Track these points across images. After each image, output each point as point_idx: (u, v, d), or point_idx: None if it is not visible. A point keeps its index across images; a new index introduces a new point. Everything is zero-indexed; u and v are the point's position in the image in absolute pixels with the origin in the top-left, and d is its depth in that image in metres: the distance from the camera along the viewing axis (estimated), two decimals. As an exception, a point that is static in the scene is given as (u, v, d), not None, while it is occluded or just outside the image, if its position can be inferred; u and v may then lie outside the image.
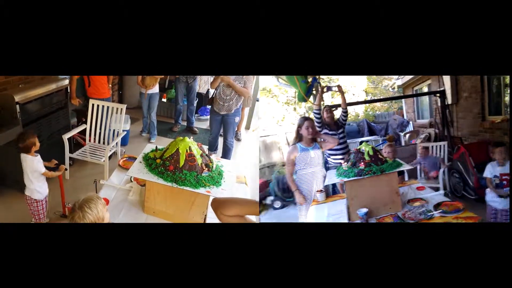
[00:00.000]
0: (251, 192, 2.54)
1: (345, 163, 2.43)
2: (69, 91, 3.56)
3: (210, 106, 3.84)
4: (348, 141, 3.42)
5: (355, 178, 2.26)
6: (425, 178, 4.05)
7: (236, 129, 3.92)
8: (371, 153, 2.33)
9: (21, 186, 2.63)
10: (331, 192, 3.04)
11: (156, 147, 2.12)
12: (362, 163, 2.30)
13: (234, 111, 3.67)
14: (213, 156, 2.11)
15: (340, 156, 3.15)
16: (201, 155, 1.95)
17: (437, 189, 3.49)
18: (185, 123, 4.95)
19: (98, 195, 1.63)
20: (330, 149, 3.16)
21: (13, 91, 2.93)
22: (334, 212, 2.37)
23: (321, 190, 2.66)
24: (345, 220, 2.23)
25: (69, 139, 3.30)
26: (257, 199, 3.22)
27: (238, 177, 2.41)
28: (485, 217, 2.66)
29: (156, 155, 2.00)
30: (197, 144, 2.02)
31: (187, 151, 1.91)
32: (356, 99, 9.69)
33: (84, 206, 1.53)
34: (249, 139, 4.92)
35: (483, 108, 4.50)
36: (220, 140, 3.98)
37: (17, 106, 2.90)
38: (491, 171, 2.66)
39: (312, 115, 3.32)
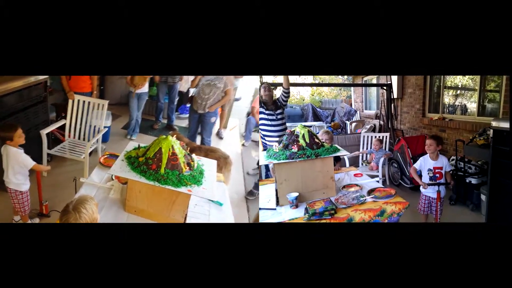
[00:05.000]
0: (230, 190, 2.56)
1: (277, 145, 2.33)
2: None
3: (189, 105, 3.86)
4: (289, 124, 3.34)
5: (286, 161, 2.16)
6: (366, 163, 4.27)
7: (212, 128, 3.95)
8: (306, 136, 2.24)
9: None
10: (263, 176, 2.96)
11: (139, 145, 2.11)
12: (295, 145, 2.20)
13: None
14: (193, 155, 2.12)
15: (277, 139, 3.03)
16: (184, 155, 1.96)
17: (375, 177, 3.67)
18: (165, 121, 4.93)
19: (91, 196, 1.64)
20: (266, 130, 3.12)
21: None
22: (262, 197, 2.32)
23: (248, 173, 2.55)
24: (273, 205, 2.16)
25: (47, 134, 3.23)
26: (239, 195, 3.25)
27: (217, 176, 2.43)
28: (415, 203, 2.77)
29: (138, 153, 1.99)
30: (180, 143, 2.02)
31: (169, 150, 1.91)
32: (302, 81, 9.36)
33: (79, 207, 1.52)
34: (230, 138, 4.94)
35: (424, 105, 4.87)
36: (199, 139, 4.00)
37: (-7, 99, 2.83)
38: (422, 163, 2.75)
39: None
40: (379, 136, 4.48)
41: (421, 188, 2.75)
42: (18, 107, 3.12)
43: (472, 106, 4.06)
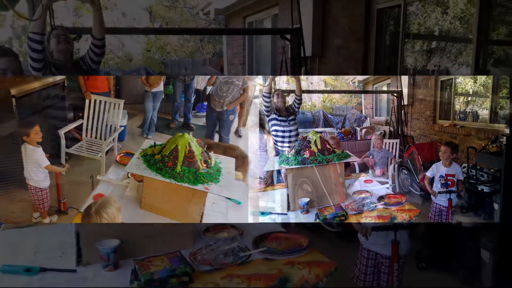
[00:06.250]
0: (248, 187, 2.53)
1: (289, 150, 2.35)
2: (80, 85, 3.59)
3: (207, 103, 3.85)
4: (301, 130, 3.35)
5: (298, 166, 2.17)
6: (373, 173, 4.17)
7: (231, 127, 3.93)
8: (318, 142, 2.25)
9: (16, 180, 2.59)
10: (275, 180, 2.96)
11: (155, 143, 2.11)
12: (307, 151, 2.21)
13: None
14: (211, 153, 2.10)
15: (289, 144, 3.07)
16: (201, 153, 1.94)
17: (385, 184, 3.60)
18: (182, 120, 4.94)
19: (115, 199, 1.61)
20: (278, 136, 3.13)
21: (9, 84, 2.89)
22: (272, 201, 2.35)
23: (260, 177, 2.62)
24: (285, 209, 2.18)
25: (65, 133, 3.27)
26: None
27: (236, 174, 2.41)
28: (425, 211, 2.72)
29: (154, 151, 1.99)
30: (197, 140, 2.01)
31: (186, 147, 1.89)
32: (314, 88, 9.45)
33: (101, 211, 1.50)
34: (249, 136, 4.91)
35: (435, 112, 4.84)
36: (217, 137, 3.98)
37: (13, 99, 2.87)
38: (434, 170, 2.70)
39: (261, 99, 3.26)
40: (379, 133, 4.37)
41: (432, 196, 2.70)
42: (36, 107, 3.17)
43: (484, 112, 4.01)
